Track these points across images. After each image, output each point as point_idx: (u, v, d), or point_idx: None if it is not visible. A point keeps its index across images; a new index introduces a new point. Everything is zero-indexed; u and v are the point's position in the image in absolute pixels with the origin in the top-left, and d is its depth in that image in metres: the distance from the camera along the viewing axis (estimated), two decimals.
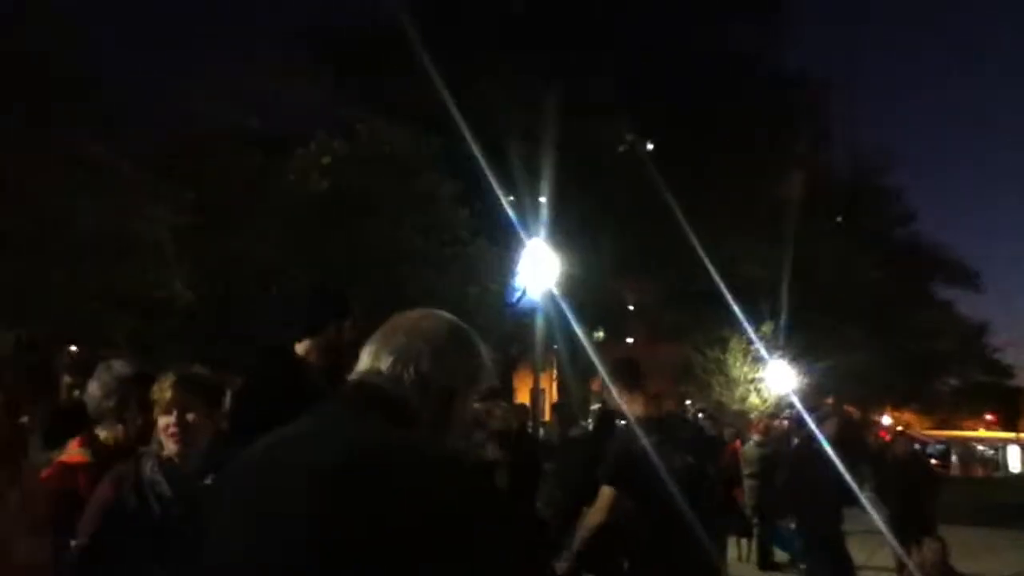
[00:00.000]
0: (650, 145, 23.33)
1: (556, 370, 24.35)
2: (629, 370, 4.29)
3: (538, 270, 14.14)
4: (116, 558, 2.31)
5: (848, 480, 6.22)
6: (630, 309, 28.15)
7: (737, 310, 19.04)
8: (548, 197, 18.21)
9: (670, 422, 4.40)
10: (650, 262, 23.26)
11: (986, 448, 40.14)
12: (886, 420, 36.98)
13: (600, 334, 25.34)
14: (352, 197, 15.25)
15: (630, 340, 30.07)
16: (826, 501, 6.32)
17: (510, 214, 16.13)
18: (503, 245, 17.33)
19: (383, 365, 1.41)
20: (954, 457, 33.73)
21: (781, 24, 25.43)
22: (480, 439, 7.47)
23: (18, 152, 10.50)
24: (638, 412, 4.11)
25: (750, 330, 20.93)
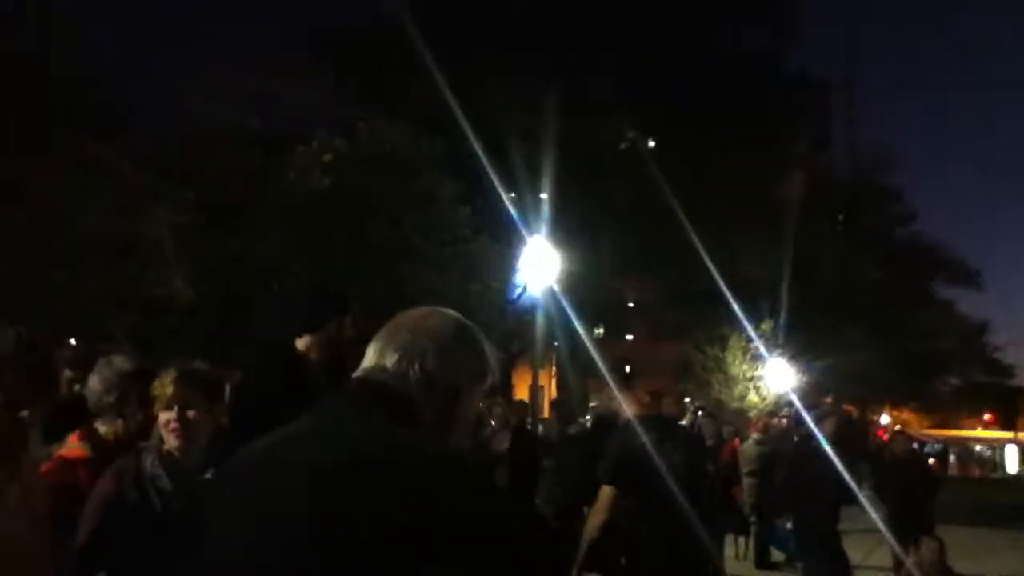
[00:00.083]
0: (651, 142, 23.33)
1: (556, 367, 24.38)
2: (620, 370, 4.31)
3: (539, 267, 14.15)
4: (117, 552, 2.33)
5: (846, 479, 6.23)
6: (630, 307, 28.15)
7: (737, 309, 19.04)
8: (549, 195, 18.23)
9: (666, 421, 4.41)
10: (650, 260, 23.23)
11: (984, 448, 40.15)
12: (884, 419, 37.00)
13: (600, 331, 25.32)
14: (353, 196, 15.26)
15: (630, 337, 30.11)
16: (825, 500, 6.32)
17: (511, 212, 16.15)
18: (504, 242, 17.35)
19: (388, 362, 1.39)
20: (952, 457, 33.73)
21: (782, 24, 25.39)
22: (485, 435, 7.48)
23: (18, 152, 10.51)
24: (634, 410, 4.13)
25: (750, 328, 20.94)
